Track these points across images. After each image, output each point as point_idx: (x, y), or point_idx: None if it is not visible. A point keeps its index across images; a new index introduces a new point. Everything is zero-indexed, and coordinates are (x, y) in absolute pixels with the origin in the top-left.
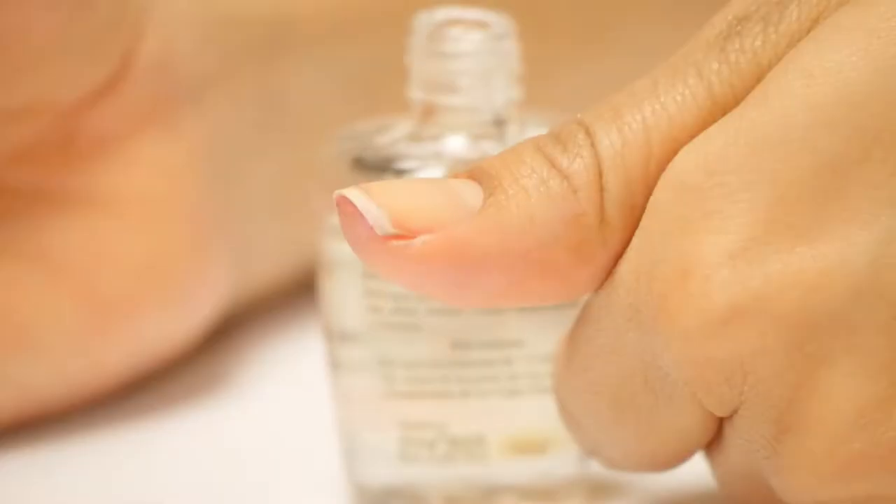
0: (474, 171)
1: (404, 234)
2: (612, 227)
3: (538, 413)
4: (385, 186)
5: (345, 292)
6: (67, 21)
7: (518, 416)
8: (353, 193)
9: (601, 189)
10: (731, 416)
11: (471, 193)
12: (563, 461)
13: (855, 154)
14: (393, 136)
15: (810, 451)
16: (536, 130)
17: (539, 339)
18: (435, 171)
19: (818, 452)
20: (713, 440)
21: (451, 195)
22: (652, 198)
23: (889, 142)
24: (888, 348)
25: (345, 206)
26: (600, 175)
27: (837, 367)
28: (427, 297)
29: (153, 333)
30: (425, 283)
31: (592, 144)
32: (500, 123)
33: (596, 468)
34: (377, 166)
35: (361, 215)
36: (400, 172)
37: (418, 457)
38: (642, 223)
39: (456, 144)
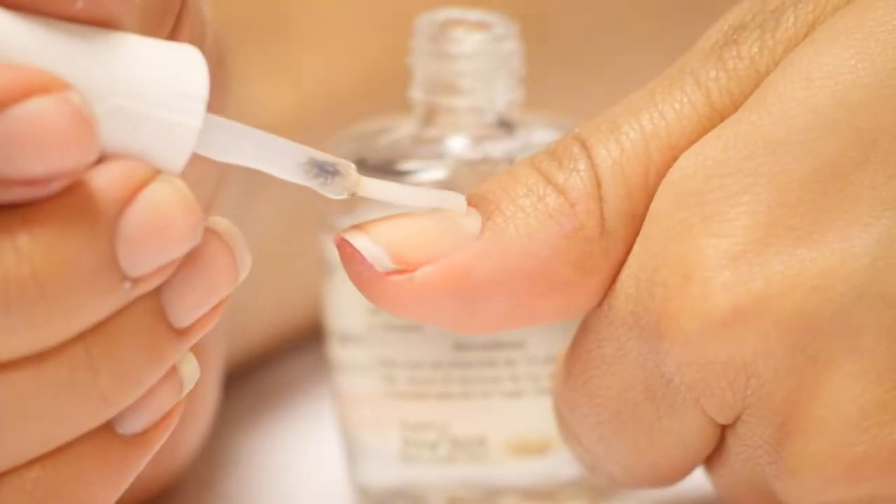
0: (472, 198)
1: (405, 269)
2: (614, 238)
3: (539, 414)
4: (382, 222)
5: (346, 293)
6: None
7: (519, 418)
8: (351, 234)
9: (600, 200)
10: (733, 424)
11: (469, 220)
12: (565, 462)
13: (854, 156)
14: (395, 137)
15: (814, 453)
16: (543, 132)
17: (540, 340)
18: (437, 172)
19: (821, 455)
20: (714, 452)
21: (448, 224)
22: (652, 204)
23: (888, 144)
24: (890, 350)
25: (344, 247)
26: (599, 186)
27: (840, 369)
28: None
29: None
30: (431, 314)
31: (589, 157)
32: (503, 124)
33: None
34: (380, 167)
35: (361, 254)
36: (402, 173)
37: (420, 457)
38: (643, 230)
39: (458, 145)
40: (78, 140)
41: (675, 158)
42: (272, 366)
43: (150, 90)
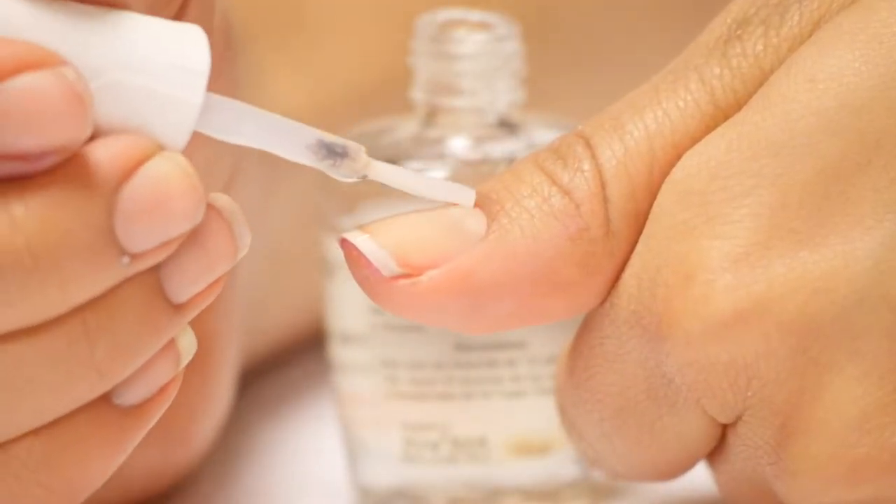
0: (476, 198)
1: (411, 272)
2: (619, 238)
3: (541, 414)
4: (386, 225)
5: (347, 294)
6: None
7: (521, 418)
8: (356, 237)
9: (604, 201)
10: (734, 423)
11: (474, 221)
12: (566, 462)
13: (857, 159)
14: (397, 137)
15: (814, 455)
16: (545, 133)
17: (541, 340)
18: (439, 173)
19: (822, 456)
20: (716, 448)
21: (453, 226)
22: (655, 203)
23: (891, 147)
24: (891, 352)
25: (349, 249)
26: (603, 187)
27: (841, 372)
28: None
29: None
30: (437, 316)
31: (593, 156)
32: (504, 125)
33: None
34: None
35: (366, 258)
36: None
37: (421, 458)
38: (646, 229)
39: (459, 146)
40: (71, 116)
41: (678, 157)
42: (274, 366)
43: (150, 65)
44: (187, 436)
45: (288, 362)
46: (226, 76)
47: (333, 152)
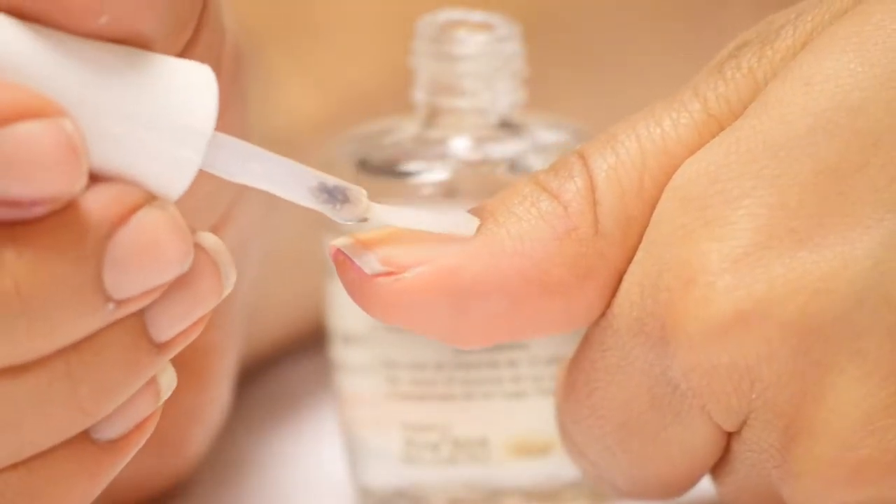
0: (472, 211)
1: (395, 271)
2: (609, 240)
3: (541, 415)
4: (375, 231)
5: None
6: None
7: (521, 419)
8: (342, 241)
9: (594, 203)
10: (738, 431)
11: (465, 229)
12: (567, 463)
13: (855, 158)
14: (398, 138)
15: (819, 457)
16: (546, 133)
17: (542, 341)
18: (439, 174)
19: (826, 458)
20: (720, 460)
21: (441, 229)
22: (656, 210)
23: (889, 146)
24: (893, 353)
25: (337, 255)
26: (593, 191)
27: (843, 373)
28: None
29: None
30: (423, 318)
31: (585, 165)
32: (505, 126)
33: None
34: (382, 168)
35: (352, 260)
36: (404, 174)
37: (422, 459)
38: (646, 236)
39: (460, 146)
40: (64, 168)
41: (672, 165)
42: (275, 367)
43: (155, 119)
44: (182, 444)
45: (288, 362)
46: (235, 102)
47: (334, 196)
